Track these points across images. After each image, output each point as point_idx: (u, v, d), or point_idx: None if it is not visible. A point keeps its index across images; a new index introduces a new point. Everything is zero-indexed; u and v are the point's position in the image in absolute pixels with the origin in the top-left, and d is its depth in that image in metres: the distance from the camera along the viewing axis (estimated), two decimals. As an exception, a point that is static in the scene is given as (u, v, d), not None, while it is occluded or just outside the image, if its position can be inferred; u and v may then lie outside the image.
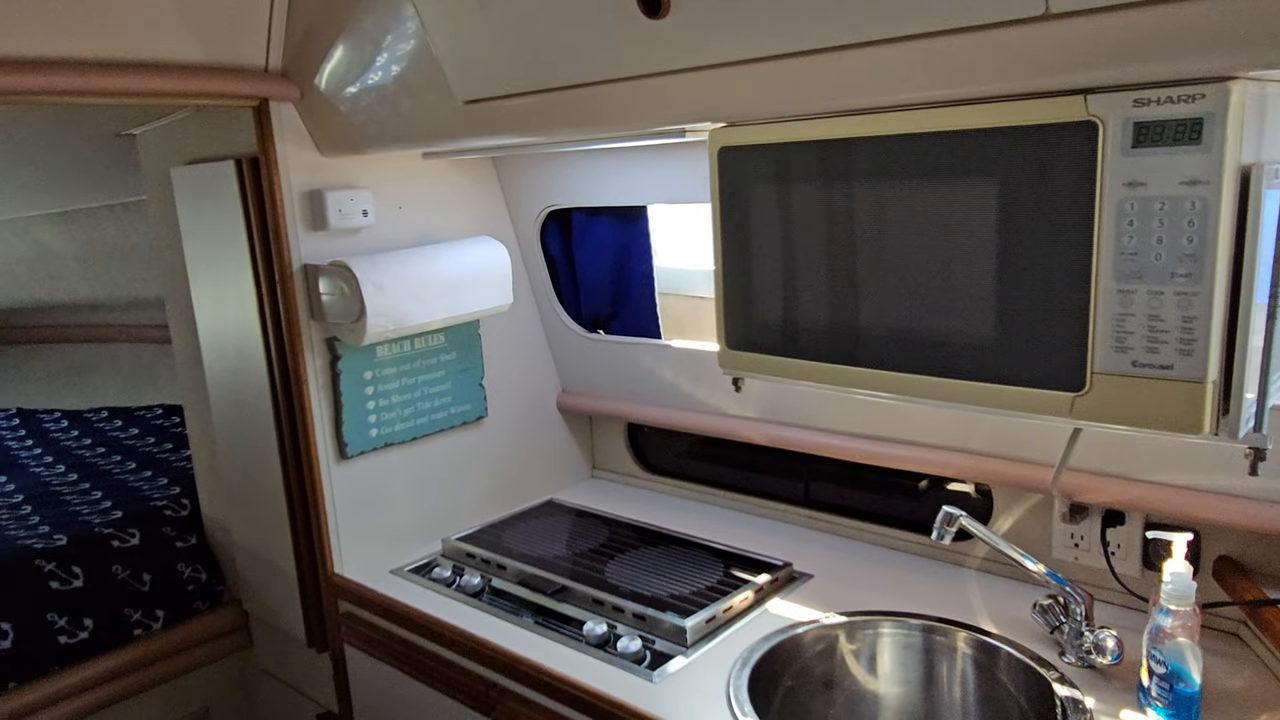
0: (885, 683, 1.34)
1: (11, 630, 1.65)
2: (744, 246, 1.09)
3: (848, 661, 1.34)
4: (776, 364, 1.09)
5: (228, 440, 1.78)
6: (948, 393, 0.94)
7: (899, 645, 1.33)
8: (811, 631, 1.32)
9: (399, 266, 1.52)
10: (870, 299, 0.99)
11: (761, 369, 1.10)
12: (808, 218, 1.03)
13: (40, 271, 2.93)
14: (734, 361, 1.13)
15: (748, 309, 1.10)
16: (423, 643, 1.47)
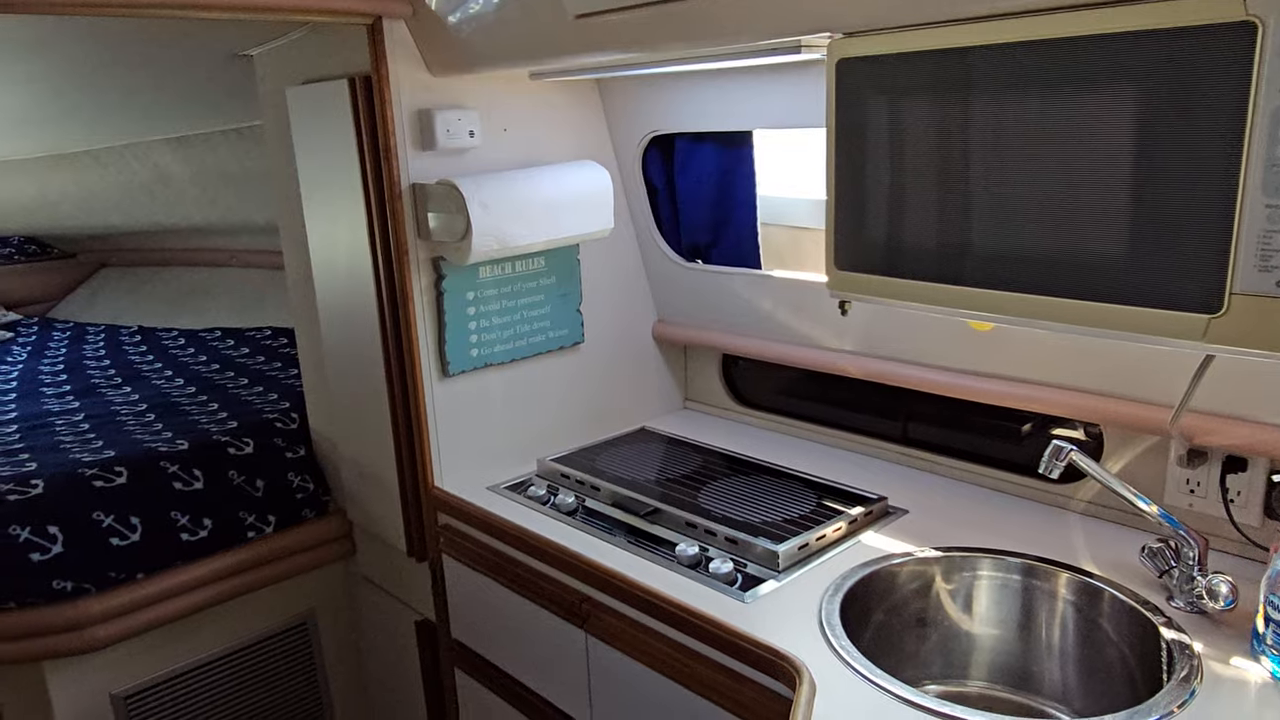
0: (980, 623, 1.32)
1: (140, 525, 1.76)
2: (858, 164, 1.06)
3: (943, 600, 1.33)
4: (890, 285, 1.06)
5: (336, 358, 1.85)
6: (1072, 314, 0.90)
7: (996, 585, 1.31)
8: (907, 566, 1.31)
9: (504, 187, 1.54)
10: (991, 217, 0.95)
11: (874, 291, 1.07)
12: (926, 132, 0.99)
13: (160, 196, 3.06)
14: (843, 283, 1.11)
15: (860, 229, 1.07)
16: (519, 556, 1.52)
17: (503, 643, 1.60)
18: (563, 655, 1.45)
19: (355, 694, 2.14)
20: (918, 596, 1.32)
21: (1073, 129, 0.87)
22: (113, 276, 3.85)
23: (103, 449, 1.93)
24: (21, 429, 2.16)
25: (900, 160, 1.02)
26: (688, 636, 1.23)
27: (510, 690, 1.60)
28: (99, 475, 1.79)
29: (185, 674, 1.88)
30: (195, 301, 3.42)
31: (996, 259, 0.96)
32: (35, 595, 1.66)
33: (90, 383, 2.58)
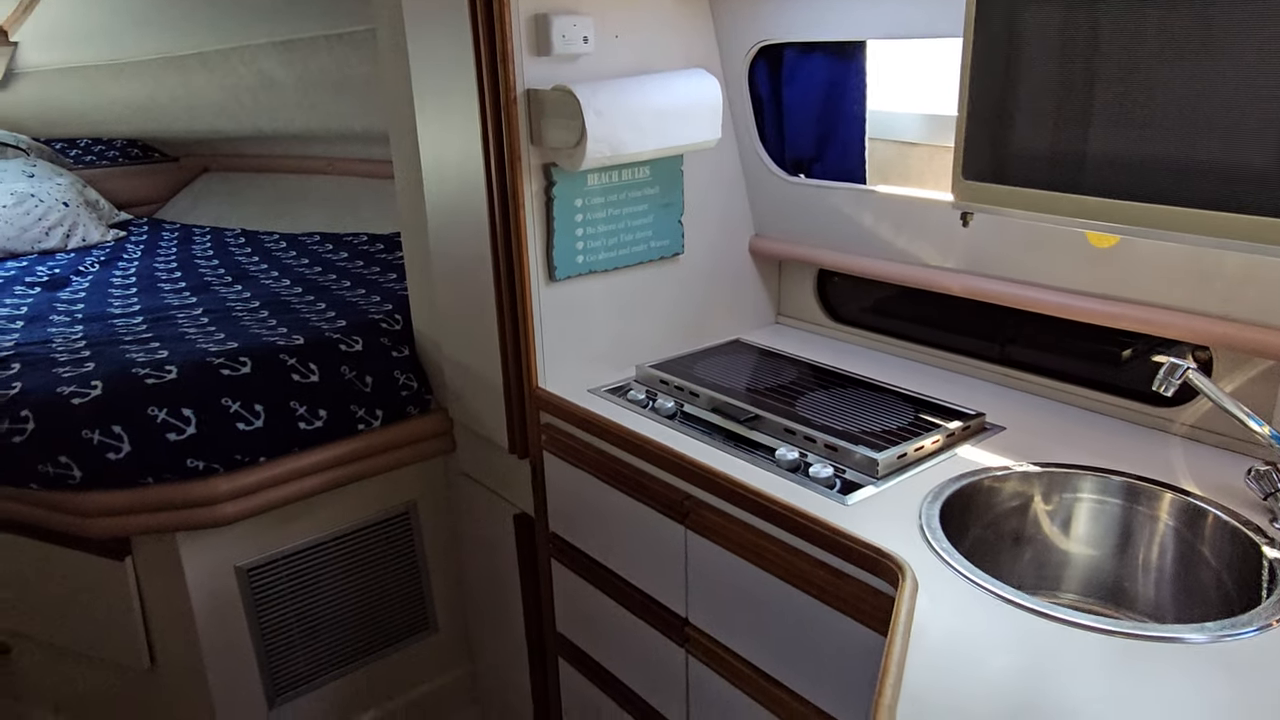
0: (1077, 541, 1.34)
1: (264, 412, 1.88)
2: (993, 67, 1.05)
3: (1040, 518, 1.36)
4: (1019, 196, 1.06)
5: (443, 262, 1.91)
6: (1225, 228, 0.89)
7: (1095, 503, 1.33)
8: (1008, 482, 1.33)
9: (618, 94, 1.55)
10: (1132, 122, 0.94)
11: (1002, 201, 1.08)
12: (1068, 31, 0.98)
13: (263, 101, 3.14)
14: (969, 193, 1.11)
15: (990, 137, 1.07)
16: (620, 454, 1.59)
17: (600, 536, 1.68)
18: (661, 549, 1.52)
19: (452, 581, 2.28)
20: (1016, 514, 1.35)
21: (1236, 25, 0.85)
22: (214, 181, 3.98)
23: (225, 340, 2.05)
24: (148, 320, 2.29)
25: (1038, 62, 1.01)
26: (789, 534, 1.29)
27: (606, 580, 1.69)
28: (226, 364, 1.90)
29: (299, 552, 2.02)
30: (292, 207, 3.53)
31: (1137, 167, 0.95)
32: (170, 472, 1.79)
33: (203, 280, 2.71)
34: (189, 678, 1.98)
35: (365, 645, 2.16)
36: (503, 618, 2.11)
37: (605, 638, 1.74)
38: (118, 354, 1.99)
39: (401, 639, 2.23)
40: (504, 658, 2.17)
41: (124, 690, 2.10)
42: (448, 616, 2.29)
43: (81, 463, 1.75)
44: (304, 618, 2.05)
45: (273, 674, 2.03)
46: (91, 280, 2.80)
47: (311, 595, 2.05)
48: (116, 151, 4.10)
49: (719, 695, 1.48)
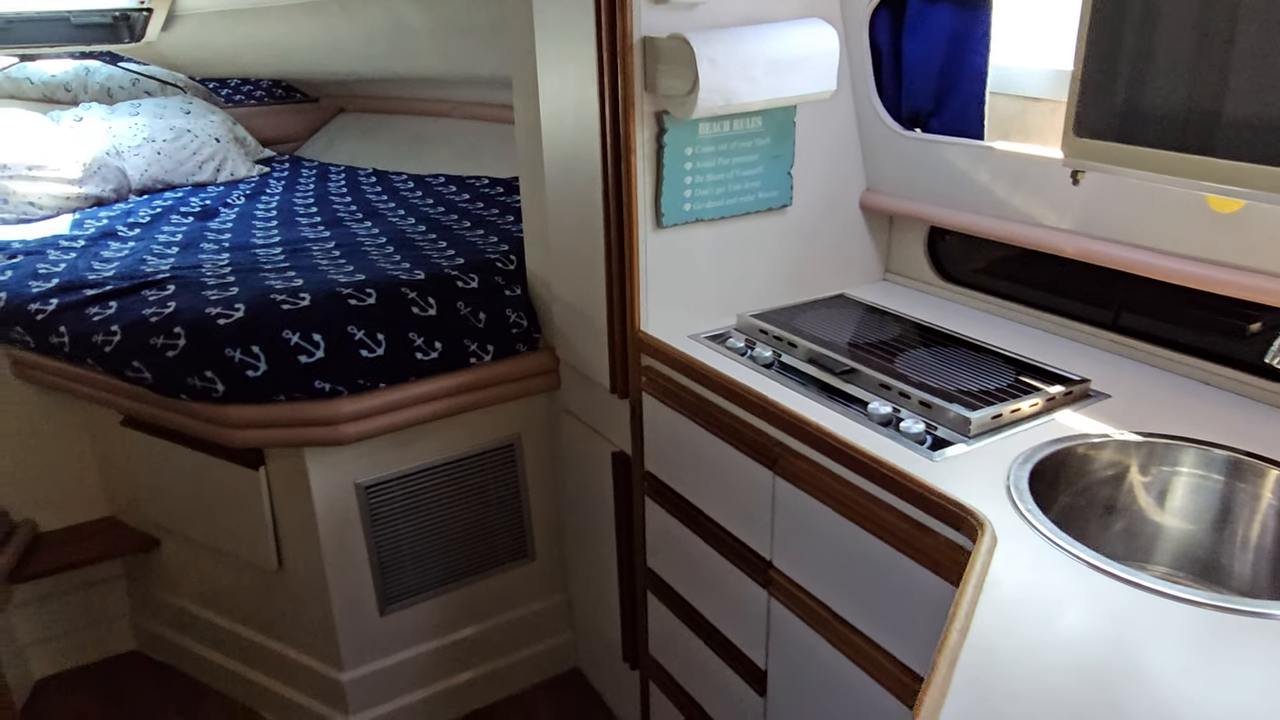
0: (1172, 516, 1.31)
1: (384, 341, 2.00)
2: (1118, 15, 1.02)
3: (1135, 489, 1.33)
4: (1133, 155, 1.04)
5: (558, 205, 1.98)
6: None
7: (1196, 477, 1.29)
8: (1104, 451, 1.31)
9: (732, 43, 1.56)
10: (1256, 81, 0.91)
11: (1115, 160, 1.05)
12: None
13: (397, 44, 3.27)
14: (1080, 151, 1.09)
15: (1106, 93, 1.04)
16: (716, 399, 1.63)
17: (692, 477, 1.73)
18: (749, 492, 1.57)
19: (551, 513, 2.38)
20: (1110, 483, 1.33)
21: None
22: (349, 122, 4.17)
23: (354, 273, 2.18)
24: (286, 251, 2.46)
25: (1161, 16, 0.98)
26: (874, 485, 1.31)
27: (695, 520, 1.75)
28: (353, 295, 2.03)
29: (412, 474, 2.16)
30: (420, 148, 3.68)
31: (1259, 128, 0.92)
32: (300, 391, 1.94)
33: (336, 216, 2.88)
34: (311, 581, 2.16)
35: (468, 567, 2.30)
36: (597, 551, 2.21)
37: (692, 575, 1.81)
38: (258, 281, 2.15)
39: (501, 564, 2.36)
40: (597, 589, 2.27)
41: (255, 588, 2.31)
42: (545, 546, 2.41)
43: (224, 378, 1.92)
44: (414, 535, 2.20)
45: (385, 584, 2.19)
46: (238, 212, 3.01)
47: (422, 515, 2.20)
48: (263, 91, 4.34)
49: (798, 637, 1.53)
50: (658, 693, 2.08)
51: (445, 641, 2.32)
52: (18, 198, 2.99)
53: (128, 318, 2.05)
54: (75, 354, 2.11)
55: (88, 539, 2.49)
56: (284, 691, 2.34)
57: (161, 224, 2.86)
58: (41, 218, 3.01)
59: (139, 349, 1.99)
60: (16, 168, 3.01)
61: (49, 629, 2.54)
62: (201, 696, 2.49)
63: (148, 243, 2.62)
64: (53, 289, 2.24)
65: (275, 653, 2.33)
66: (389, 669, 2.26)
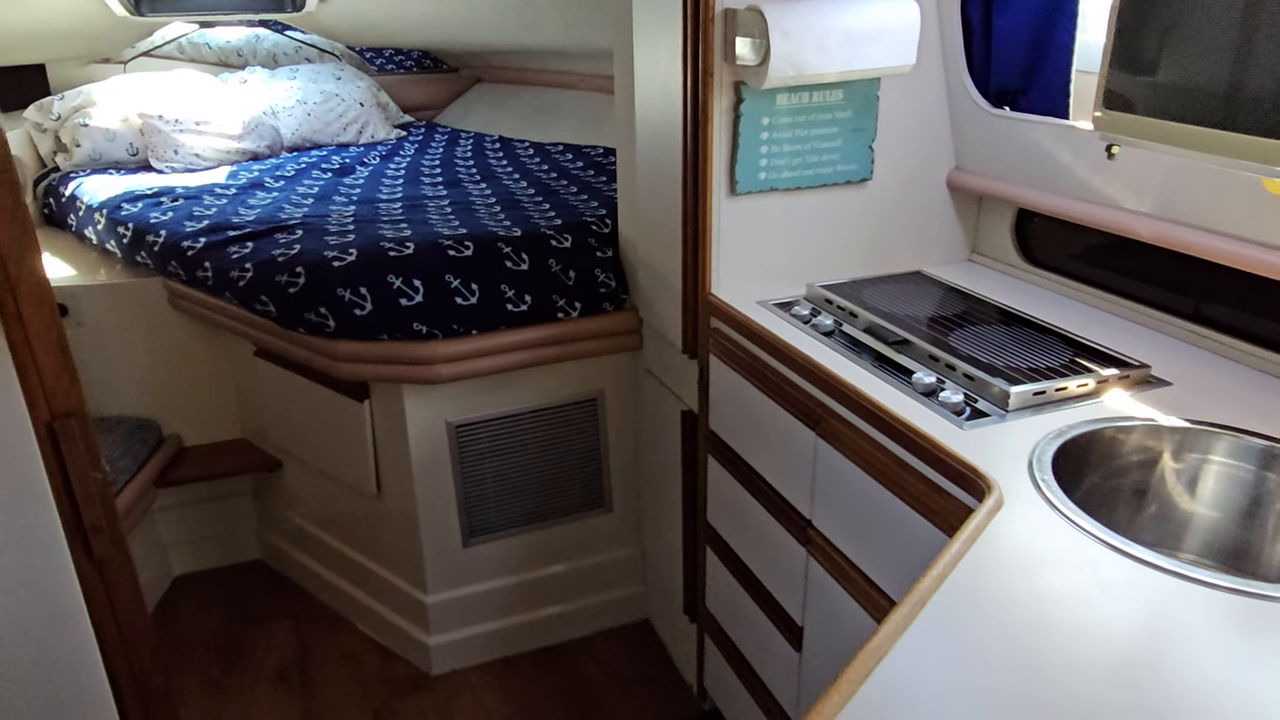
0: (1202, 504, 1.29)
1: (478, 291, 2.15)
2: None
3: (1166, 475, 1.31)
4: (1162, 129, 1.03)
5: (646, 172, 2.07)
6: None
7: (1229, 465, 1.26)
8: (1133, 435, 1.30)
9: (808, 15, 1.60)
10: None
11: (1144, 134, 1.05)
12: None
13: (526, 18, 3.42)
14: (1112, 124, 1.09)
15: (1137, 66, 1.04)
16: (770, 361, 1.69)
17: (748, 436, 1.80)
18: (795, 452, 1.62)
19: (628, 465, 2.49)
20: (1139, 467, 1.31)
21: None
22: (484, 91, 4.39)
23: (458, 227, 2.35)
24: (404, 206, 2.66)
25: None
26: (900, 447, 1.34)
27: (748, 478, 1.81)
28: (453, 246, 2.19)
29: (499, 418, 2.31)
30: (545, 118, 3.84)
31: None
32: (401, 332, 2.12)
33: (456, 177, 3.07)
34: (404, 509, 2.35)
35: (547, 511, 2.44)
36: (667, 506, 2.31)
37: (744, 531, 1.88)
38: (373, 230, 2.35)
39: (579, 512, 2.49)
40: (664, 543, 2.37)
41: (358, 512, 2.53)
42: (622, 499, 2.52)
43: (335, 315, 2.12)
44: (498, 476, 2.36)
45: (469, 518, 2.36)
46: (371, 171, 3.25)
47: (506, 458, 2.35)
48: (411, 61, 4.61)
49: (830, 596, 1.58)
50: (712, 647, 2.16)
51: (521, 579, 2.48)
52: (186, 149, 3.33)
53: (260, 257, 2.28)
54: (216, 287, 2.37)
55: (223, 456, 2.79)
56: (377, 608, 2.57)
57: (303, 178, 3.13)
58: (204, 168, 3.34)
59: (267, 285, 2.22)
60: (187, 123, 3.36)
61: (187, 532, 2.86)
62: (310, 606, 2.75)
63: (288, 193, 2.88)
64: (203, 229, 2.51)
65: (372, 572, 2.55)
66: (468, 597, 2.44)
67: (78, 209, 2.97)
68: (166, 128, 3.32)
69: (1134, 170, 1.56)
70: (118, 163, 3.37)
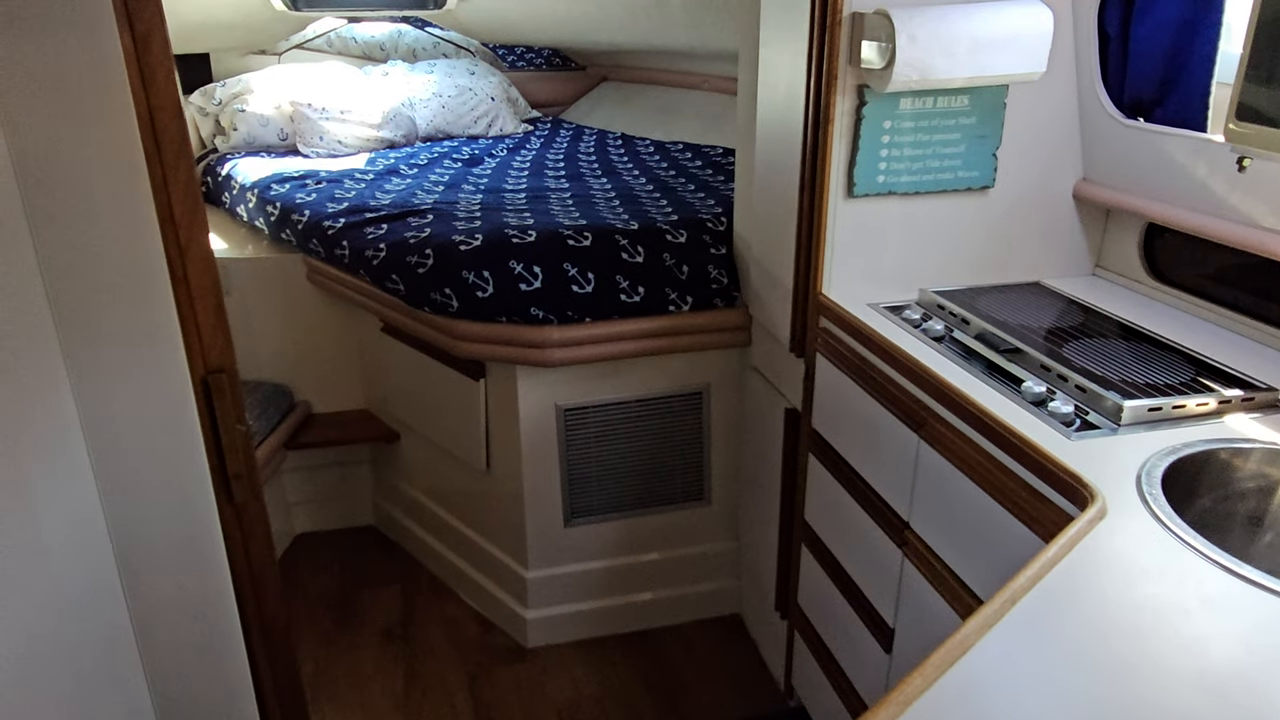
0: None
1: (594, 280, 2.23)
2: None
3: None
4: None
5: (764, 171, 2.10)
6: None
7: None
8: (1249, 458, 1.25)
9: (936, 20, 1.61)
10: None
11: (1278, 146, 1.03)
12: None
13: (656, 19, 3.50)
14: (1241, 135, 1.06)
15: (1274, 77, 1.02)
16: (876, 361, 1.70)
17: (850, 436, 1.81)
18: (896, 454, 1.63)
19: (728, 459, 2.53)
20: (1258, 495, 1.27)
21: None
22: (609, 90, 4.49)
23: (578, 218, 2.43)
24: (528, 197, 2.77)
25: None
26: (1007, 455, 1.34)
27: (848, 477, 1.83)
28: (572, 236, 2.28)
29: (607, 405, 2.39)
30: (668, 118, 3.90)
31: None
32: (518, 315, 2.22)
33: (579, 171, 3.17)
34: (511, 486, 2.45)
35: (647, 499, 2.51)
36: (765, 503, 2.33)
37: (840, 531, 1.89)
38: (498, 218, 2.46)
39: (679, 503, 2.54)
40: (761, 539, 2.40)
41: (468, 486, 2.65)
42: (720, 492, 2.56)
43: (459, 296, 2.24)
44: (602, 461, 2.43)
45: (572, 499, 2.45)
46: (498, 162, 3.39)
47: (611, 444, 2.42)
48: (541, 59, 4.76)
49: (924, 599, 1.58)
50: (801, 644, 2.18)
51: (618, 562, 2.55)
52: (330, 136, 3.55)
53: (393, 238, 2.42)
54: (352, 265, 2.53)
55: (347, 424, 2.97)
56: (480, 580, 2.68)
57: (435, 166, 3.29)
58: (345, 154, 3.55)
59: (398, 264, 2.36)
60: (332, 111, 3.57)
61: (309, 493, 3.05)
62: (417, 573, 2.90)
63: (421, 180, 3.04)
64: (342, 210, 2.68)
65: (477, 545, 2.67)
66: (566, 575, 2.52)
67: (232, 188, 3.20)
68: (314, 115, 3.54)
69: (1272, 186, 1.50)
70: (269, 146, 3.61)
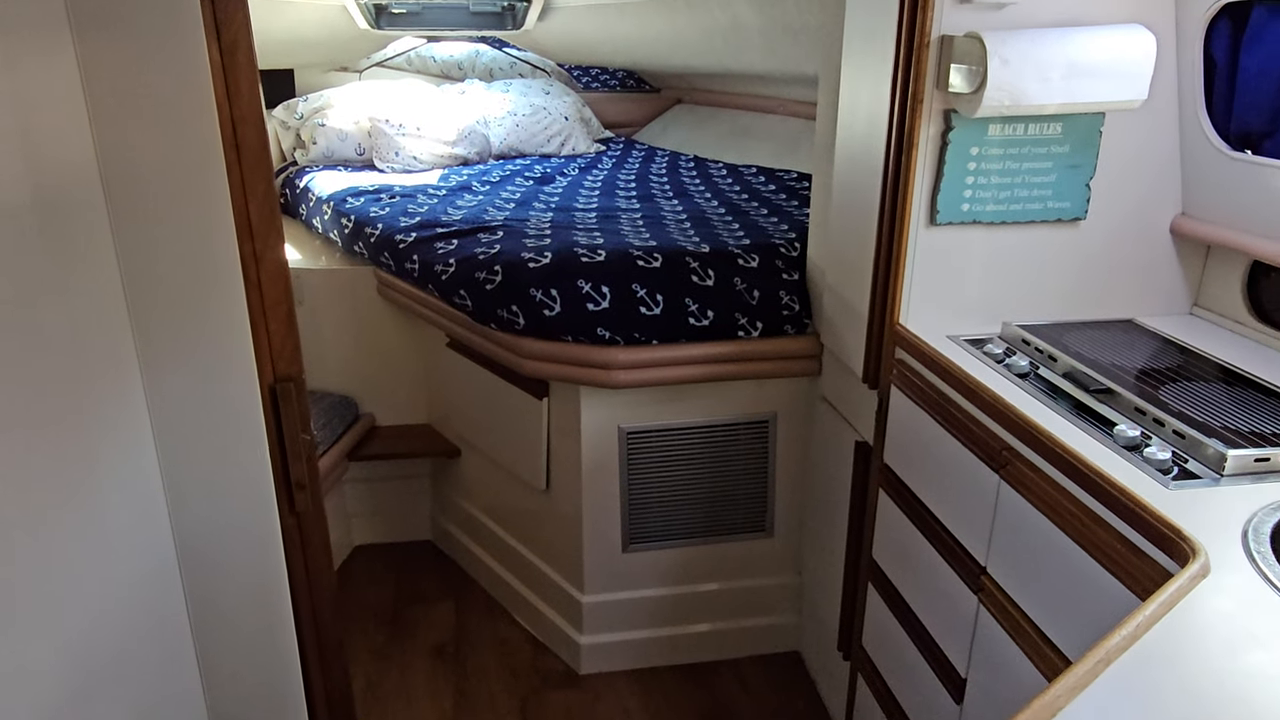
0: None
1: (662, 302, 2.20)
2: None
3: None
4: None
5: (841, 196, 2.05)
6: None
7: None
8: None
9: (1030, 43, 1.54)
10: None
11: None
12: None
13: (732, 42, 3.48)
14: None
15: None
16: (955, 396, 1.62)
17: (923, 473, 1.74)
18: (974, 494, 1.55)
19: (795, 490, 2.46)
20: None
21: None
22: (683, 112, 4.48)
23: (648, 239, 2.41)
24: (598, 216, 2.76)
25: None
26: (1097, 502, 1.26)
27: (920, 516, 1.75)
28: (642, 257, 2.25)
29: (671, 429, 2.34)
30: (741, 140, 3.87)
31: None
32: (585, 335, 2.20)
33: (650, 192, 3.15)
34: (570, 507, 2.42)
35: (708, 528, 2.45)
36: (831, 538, 2.26)
37: (911, 571, 1.81)
38: (568, 236, 2.45)
39: (740, 533, 2.48)
40: (825, 575, 2.32)
41: (526, 506, 2.63)
42: (785, 526, 2.49)
43: (525, 314, 2.22)
44: (663, 486, 2.39)
45: (631, 524, 2.40)
46: (569, 181, 3.40)
47: (673, 470, 2.38)
48: (616, 80, 4.79)
49: (1000, 649, 1.49)
50: (864, 687, 2.09)
51: (676, 591, 2.50)
52: (406, 151, 3.60)
53: (462, 254, 2.43)
54: (421, 279, 2.55)
55: (409, 438, 2.98)
56: (535, 601, 2.65)
57: (507, 184, 3.31)
58: (420, 169, 3.60)
59: (466, 280, 2.36)
60: (409, 127, 3.63)
61: (369, 505, 3.07)
62: (471, 591, 2.88)
63: (492, 197, 3.06)
64: (414, 225, 2.70)
65: (533, 566, 2.64)
66: (622, 602, 2.48)
67: (309, 200, 3.27)
68: (391, 131, 3.60)
69: (1400, 226, 1.40)
70: (346, 160, 3.68)
